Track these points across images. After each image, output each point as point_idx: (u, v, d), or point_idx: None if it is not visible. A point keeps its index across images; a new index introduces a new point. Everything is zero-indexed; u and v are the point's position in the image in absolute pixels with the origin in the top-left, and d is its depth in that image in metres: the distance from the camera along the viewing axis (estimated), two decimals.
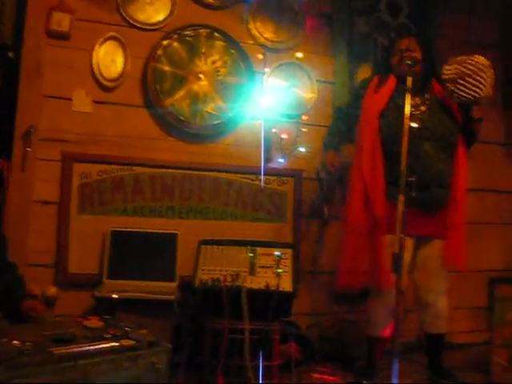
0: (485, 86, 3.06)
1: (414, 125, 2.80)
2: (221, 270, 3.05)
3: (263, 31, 3.78)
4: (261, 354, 2.88)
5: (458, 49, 3.43)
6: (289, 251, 3.18)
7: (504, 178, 4.46)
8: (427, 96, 3.24)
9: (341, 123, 3.45)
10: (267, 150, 3.64)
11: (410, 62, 3.00)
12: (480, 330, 3.83)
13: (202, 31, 3.63)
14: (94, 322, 2.49)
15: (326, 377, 3.25)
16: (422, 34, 3.74)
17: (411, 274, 3.28)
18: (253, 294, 2.91)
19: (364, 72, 3.92)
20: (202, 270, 3.09)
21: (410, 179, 2.66)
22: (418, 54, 3.23)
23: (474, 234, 4.04)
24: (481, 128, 3.27)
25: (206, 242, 3.23)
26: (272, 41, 3.80)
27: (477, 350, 3.84)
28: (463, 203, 3.25)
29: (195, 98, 3.58)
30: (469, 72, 3.06)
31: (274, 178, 3.73)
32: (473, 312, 4.20)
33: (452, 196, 3.23)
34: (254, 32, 3.76)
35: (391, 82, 3.25)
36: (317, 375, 3.29)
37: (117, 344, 2.24)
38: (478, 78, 3.05)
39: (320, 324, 3.74)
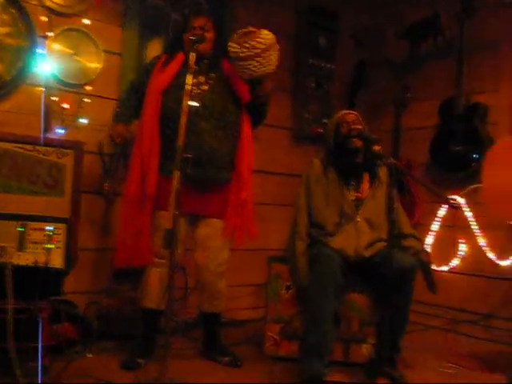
0: (267, 63, 3.05)
1: (193, 103, 2.78)
2: None
3: None
4: (27, 335, 2.69)
5: None
6: (62, 226, 2.99)
7: (288, 161, 4.67)
8: (213, 75, 3.23)
9: (132, 97, 3.35)
10: (46, 119, 3.43)
11: (193, 38, 2.97)
12: (260, 306, 3.96)
13: None
14: None
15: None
16: (217, 14, 3.74)
17: (192, 252, 3.30)
18: (19, 270, 2.73)
19: (154, 46, 3.83)
20: None
21: (186, 156, 2.64)
22: (210, 34, 3.22)
23: (257, 214, 4.19)
24: (267, 103, 3.31)
25: None
26: (58, 4, 3.55)
27: (256, 326, 4.00)
28: (248, 182, 3.29)
29: None
30: (252, 50, 3.00)
31: (54, 149, 3.49)
32: (254, 289, 4.37)
33: (236, 175, 3.27)
34: None
35: (178, 59, 3.20)
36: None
37: None
38: (260, 55, 3.01)
39: (99, 302, 3.64)
